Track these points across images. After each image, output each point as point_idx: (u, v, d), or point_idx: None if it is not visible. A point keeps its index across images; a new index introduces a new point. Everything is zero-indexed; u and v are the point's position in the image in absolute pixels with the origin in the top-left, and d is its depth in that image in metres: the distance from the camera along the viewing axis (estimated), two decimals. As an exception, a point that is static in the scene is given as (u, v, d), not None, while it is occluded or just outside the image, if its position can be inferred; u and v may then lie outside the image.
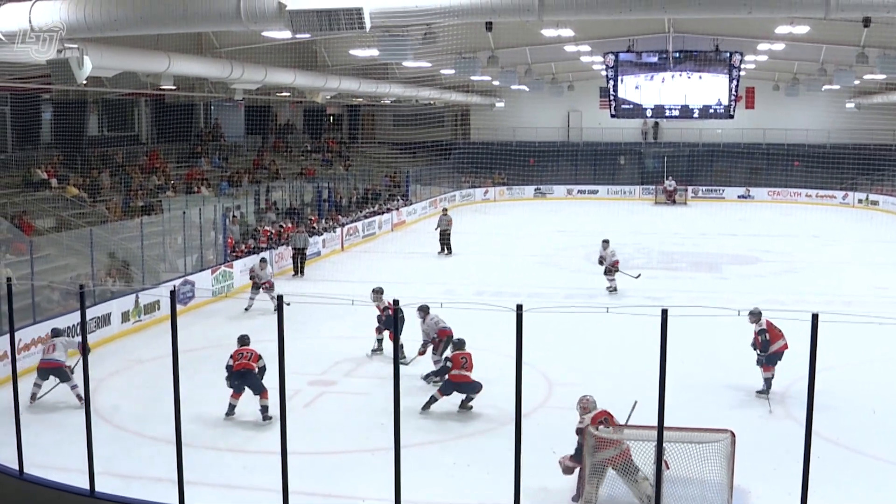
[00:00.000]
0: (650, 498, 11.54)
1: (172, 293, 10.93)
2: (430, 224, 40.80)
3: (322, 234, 34.39)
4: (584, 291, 26.51)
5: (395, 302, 10.57)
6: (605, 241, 27.84)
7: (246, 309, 25.02)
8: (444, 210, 37.58)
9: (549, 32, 29.74)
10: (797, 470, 10.10)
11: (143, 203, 31.71)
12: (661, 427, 10.13)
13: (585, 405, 12.86)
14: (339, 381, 17.92)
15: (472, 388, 16.52)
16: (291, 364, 12.28)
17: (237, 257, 28.41)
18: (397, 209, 44.69)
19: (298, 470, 11.94)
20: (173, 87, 30.59)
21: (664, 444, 10.56)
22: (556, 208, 52.73)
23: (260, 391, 16.07)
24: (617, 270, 27.06)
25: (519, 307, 9.78)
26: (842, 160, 53.57)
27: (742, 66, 39.34)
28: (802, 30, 28.96)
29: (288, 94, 40.42)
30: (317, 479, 13.02)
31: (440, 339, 18.28)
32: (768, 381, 17.37)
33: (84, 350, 11.57)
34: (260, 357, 16.22)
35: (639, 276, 27.23)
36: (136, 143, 40.45)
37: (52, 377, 17.12)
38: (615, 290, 26.91)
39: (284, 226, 32.87)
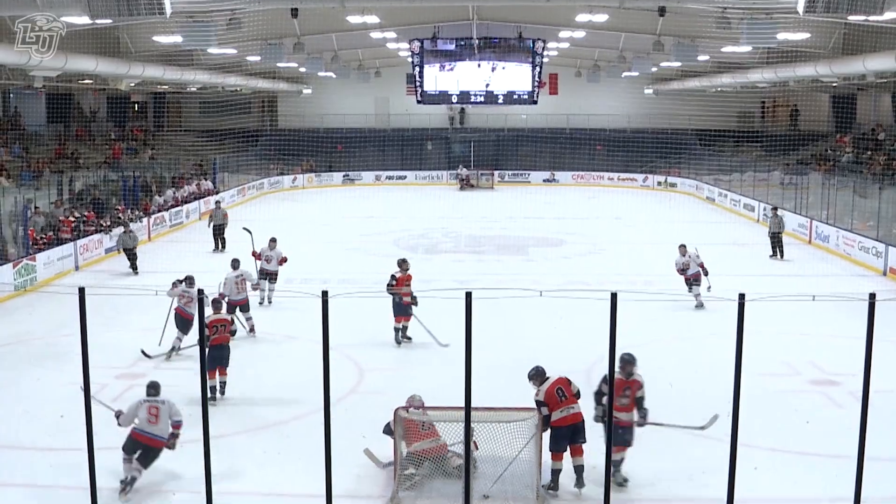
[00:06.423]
0: (460, 468, 11.73)
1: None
2: (239, 212, 40.40)
3: (128, 225, 33.61)
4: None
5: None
6: None
7: None
8: (218, 203, 35.73)
9: (354, 19, 29.86)
10: (600, 444, 10.49)
11: (-61, 195, 30.50)
12: (468, 407, 10.36)
13: (411, 404, 12.98)
14: (148, 374, 17.60)
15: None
16: (98, 358, 12.08)
17: (39, 249, 27.58)
18: (204, 198, 44.02)
19: (107, 466, 11.78)
20: (-32, 76, 29.58)
21: (473, 425, 10.80)
22: (364, 194, 52.88)
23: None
24: None
25: (325, 293, 9.87)
26: (641, 144, 55.66)
27: (545, 53, 40.25)
28: (601, 18, 29.81)
29: (91, 81, 39.41)
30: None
31: None
32: None
33: None
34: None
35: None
36: (-71, 133, 38.90)
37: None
38: None
39: (87, 215, 31.96)
